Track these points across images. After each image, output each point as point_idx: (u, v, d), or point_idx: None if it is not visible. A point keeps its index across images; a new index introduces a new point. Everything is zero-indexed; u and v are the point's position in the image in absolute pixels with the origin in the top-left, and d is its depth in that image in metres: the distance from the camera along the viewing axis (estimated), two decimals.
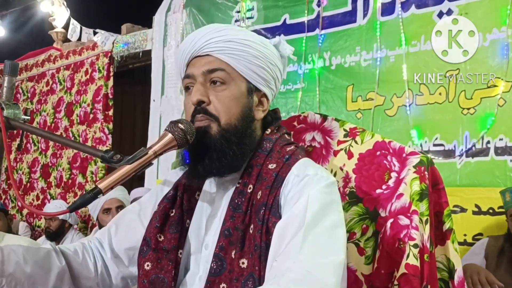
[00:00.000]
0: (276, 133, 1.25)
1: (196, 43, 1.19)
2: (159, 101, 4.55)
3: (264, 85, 1.23)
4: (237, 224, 1.12)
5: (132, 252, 1.27)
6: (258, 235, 1.07)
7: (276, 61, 1.24)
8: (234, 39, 1.18)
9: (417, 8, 3.18)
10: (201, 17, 4.28)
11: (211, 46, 1.18)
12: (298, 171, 1.13)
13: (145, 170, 1.12)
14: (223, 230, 1.12)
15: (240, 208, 1.14)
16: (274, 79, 1.25)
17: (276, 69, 1.24)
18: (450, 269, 1.29)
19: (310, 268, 0.97)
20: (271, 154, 1.19)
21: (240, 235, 1.10)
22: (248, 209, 1.13)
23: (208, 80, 1.18)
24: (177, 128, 1.12)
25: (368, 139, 1.38)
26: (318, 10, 3.60)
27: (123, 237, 1.29)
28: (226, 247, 1.11)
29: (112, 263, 1.28)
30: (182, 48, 1.23)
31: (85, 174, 5.23)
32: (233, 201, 1.15)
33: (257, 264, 1.05)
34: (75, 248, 1.27)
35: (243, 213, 1.13)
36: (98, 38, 5.15)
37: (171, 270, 1.16)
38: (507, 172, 2.82)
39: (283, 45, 1.29)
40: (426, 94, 3.11)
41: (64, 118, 5.61)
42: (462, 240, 2.87)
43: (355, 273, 1.32)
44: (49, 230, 4.42)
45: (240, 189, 1.16)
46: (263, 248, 1.06)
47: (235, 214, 1.13)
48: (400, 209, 1.26)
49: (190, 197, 1.25)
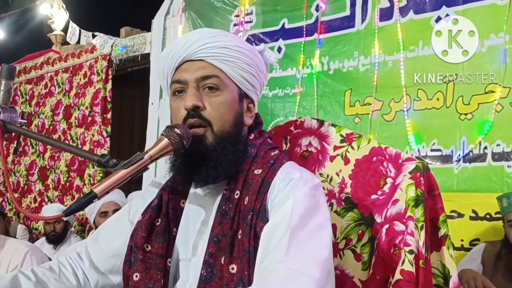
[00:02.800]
0: (259, 138, 1.26)
1: (189, 47, 1.18)
2: (158, 105, 4.55)
3: (253, 92, 1.24)
4: (226, 231, 1.12)
5: (111, 262, 1.27)
6: (246, 240, 1.08)
7: (263, 69, 1.26)
8: (228, 45, 1.18)
9: (415, 14, 3.19)
10: (200, 21, 4.28)
11: (205, 52, 1.18)
12: (283, 176, 1.14)
13: (143, 174, 1.12)
14: (212, 237, 1.13)
15: (228, 214, 1.14)
16: (261, 86, 1.27)
17: (263, 76, 1.27)
18: (446, 275, 1.29)
19: (295, 266, 0.98)
20: (256, 160, 1.20)
21: (229, 241, 1.11)
22: (236, 215, 1.13)
23: (201, 86, 1.18)
24: (173, 133, 1.12)
25: (365, 145, 1.39)
26: (316, 15, 3.61)
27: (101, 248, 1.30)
28: (215, 254, 1.11)
29: (90, 273, 1.29)
30: (172, 52, 1.21)
31: (83, 177, 5.22)
32: (221, 208, 1.16)
33: (246, 269, 1.06)
34: (50, 265, 1.28)
35: (231, 219, 1.13)
36: (97, 41, 5.16)
37: (160, 279, 1.16)
38: (504, 178, 2.82)
39: (268, 53, 1.30)
40: (423, 99, 3.11)
41: (63, 121, 5.60)
42: (459, 246, 2.87)
43: (352, 280, 1.32)
44: (54, 233, 4.38)
45: (227, 195, 1.17)
46: (251, 253, 1.07)
47: (223, 221, 1.14)
48: (395, 215, 1.27)
49: (175, 205, 1.24)
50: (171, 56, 1.21)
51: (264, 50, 1.29)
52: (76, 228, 5.10)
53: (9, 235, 4.01)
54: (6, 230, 4.07)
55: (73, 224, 4.93)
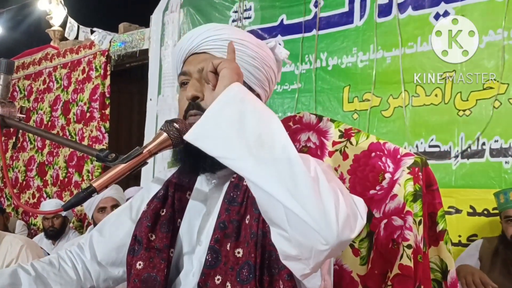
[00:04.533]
0: None
1: (194, 40, 1.20)
2: (156, 100, 4.55)
3: (258, 86, 1.23)
4: (232, 217, 1.12)
5: (115, 254, 1.28)
6: (255, 224, 1.07)
7: (271, 64, 1.25)
8: (231, 38, 1.18)
9: (413, 10, 3.20)
10: (198, 17, 4.28)
11: (208, 44, 1.19)
12: None
13: (141, 169, 1.12)
14: (218, 223, 1.12)
15: (236, 201, 1.14)
16: (268, 81, 1.25)
17: (270, 71, 1.25)
18: (443, 270, 1.30)
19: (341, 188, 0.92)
20: None
21: (235, 226, 1.10)
22: (244, 200, 1.13)
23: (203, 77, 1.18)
24: (172, 128, 1.12)
25: (363, 140, 1.39)
26: (315, 11, 3.61)
27: (105, 240, 1.30)
28: (221, 240, 1.10)
29: (92, 265, 1.29)
30: (179, 46, 1.24)
31: (81, 172, 5.22)
32: (228, 195, 1.15)
33: (253, 251, 1.05)
34: (49, 260, 1.28)
35: (239, 204, 1.13)
36: (95, 37, 5.15)
37: (163, 269, 1.16)
38: (502, 174, 2.83)
39: (279, 49, 1.29)
40: (422, 96, 3.12)
41: (61, 117, 5.60)
42: (457, 241, 2.88)
43: (350, 274, 1.33)
44: (53, 229, 4.38)
45: (235, 182, 1.16)
46: (259, 236, 1.06)
47: (230, 207, 1.13)
48: (394, 210, 1.27)
49: (181, 196, 1.25)
50: (178, 50, 1.24)
51: (275, 47, 1.28)
52: (75, 224, 5.11)
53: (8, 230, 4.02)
54: (5, 226, 4.09)
55: (72, 220, 4.94)
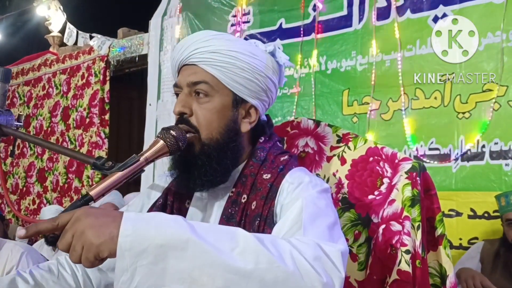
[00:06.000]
0: (269, 141, 1.24)
1: (184, 52, 1.18)
2: (155, 106, 4.55)
3: (252, 97, 1.20)
4: None
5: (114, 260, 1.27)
6: None
7: (267, 72, 1.20)
8: (220, 50, 1.16)
9: (412, 13, 3.20)
10: (197, 22, 4.28)
11: (197, 57, 1.17)
12: (292, 179, 1.12)
13: (141, 175, 1.12)
14: None
15: (234, 217, 1.13)
16: (265, 90, 1.21)
17: (267, 80, 1.20)
18: (442, 275, 1.29)
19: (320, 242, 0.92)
20: (265, 164, 1.18)
21: None
22: (242, 219, 1.12)
23: (192, 91, 1.17)
24: (168, 135, 1.12)
25: (361, 145, 1.39)
26: (314, 15, 3.61)
27: None
28: None
29: (93, 272, 1.28)
30: (173, 56, 1.23)
31: (81, 178, 5.22)
32: (227, 211, 1.15)
33: None
34: (49, 266, 1.26)
35: (237, 223, 1.12)
36: (94, 42, 5.15)
37: None
38: (502, 176, 2.83)
39: (279, 53, 1.26)
40: (421, 98, 3.11)
41: (61, 122, 5.60)
42: (458, 244, 2.88)
43: (348, 280, 1.32)
44: (53, 235, 4.36)
45: (234, 198, 1.16)
46: None
47: (229, 224, 1.12)
48: (392, 215, 1.27)
49: (180, 206, 1.24)
50: (172, 60, 1.24)
51: (275, 51, 1.25)
52: None
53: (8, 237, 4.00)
54: (5, 233, 4.07)
55: None
